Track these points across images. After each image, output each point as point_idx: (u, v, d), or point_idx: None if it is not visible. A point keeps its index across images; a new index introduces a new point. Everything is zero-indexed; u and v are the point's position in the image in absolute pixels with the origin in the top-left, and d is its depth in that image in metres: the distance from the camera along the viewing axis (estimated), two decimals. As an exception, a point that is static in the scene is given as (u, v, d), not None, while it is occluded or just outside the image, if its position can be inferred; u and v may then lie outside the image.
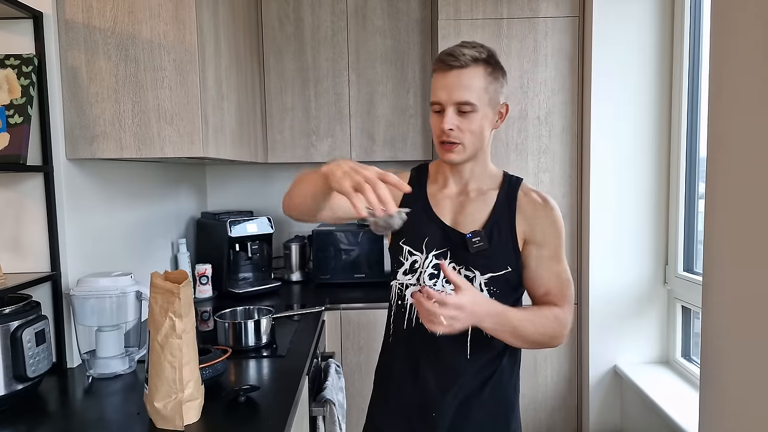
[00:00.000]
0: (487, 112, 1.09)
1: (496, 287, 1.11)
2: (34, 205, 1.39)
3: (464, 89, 1.05)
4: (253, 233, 2.29)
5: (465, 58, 1.04)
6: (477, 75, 1.06)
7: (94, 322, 1.37)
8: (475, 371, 1.13)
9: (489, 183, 1.16)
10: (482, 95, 1.06)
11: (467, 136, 1.08)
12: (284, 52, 2.37)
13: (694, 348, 2.10)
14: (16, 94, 1.31)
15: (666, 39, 2.08)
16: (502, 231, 1.11)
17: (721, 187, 1.12)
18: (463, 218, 1.13)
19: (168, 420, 1.06)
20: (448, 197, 1.17)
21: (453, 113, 1.06)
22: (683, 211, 2.08)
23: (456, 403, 1.13)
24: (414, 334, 1.15)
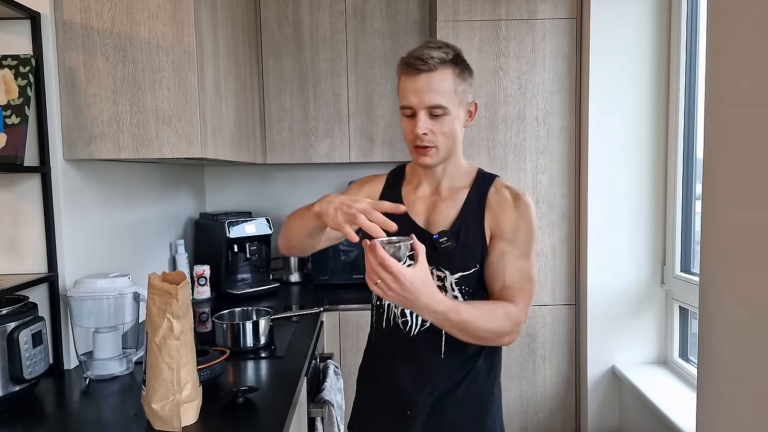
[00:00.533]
0: (458, 113, 1.09)
1: (467, 286, 1.10)
2: (32, 206, 1.39)
3: (435, 93, 1.04)
4: (251, 234, 2.29)
5: (433, 62, 1.04)
6: (446, 78, 1.05)
7: (92, 324, 1.37)
8: (449, 371, 1.13)
9: (461, 181, 1.16)
10: (452, 97, 1.06)
11: (440, 139, 1.08)
12: (283, 53, 2.37)
13: (692, 348, 2.10)
14: (14, 94, 1.30)
15: (663, 41, 2.09)
16: (470, 229, 1.10)
17: (717, 188, 1.13)
18: (436, 218, 1.14)
19: (165, 421, 1.06)
20: (422, 198, 1.18)
21: (425, 117, 1.06)
22: (680, 211, 2.08)
23: (430, 402, 1.13)
24: (391, 334, 1.18)
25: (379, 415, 1.20)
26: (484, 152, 2.22)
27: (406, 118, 1.09)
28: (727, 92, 1.09)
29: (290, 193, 2.75)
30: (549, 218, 2.24)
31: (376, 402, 1.21)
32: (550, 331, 2.28)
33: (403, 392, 1.15)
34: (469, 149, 2.22)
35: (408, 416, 1.14)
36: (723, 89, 1.11)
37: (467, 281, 1.10)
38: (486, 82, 2.19)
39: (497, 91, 2.20)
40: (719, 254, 1.13)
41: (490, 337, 1.03)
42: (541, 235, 2.24)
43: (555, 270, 2.26)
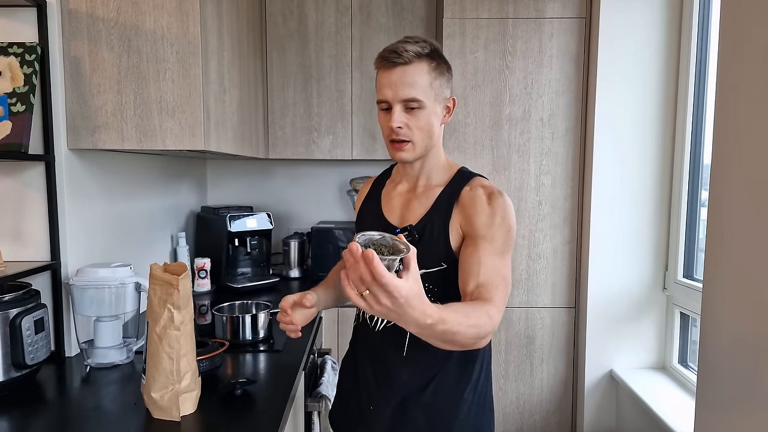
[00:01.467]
0: (435, 108, 1.08)
1: (431, 284, 1.07)
2: (35, 194, 1.39)
3: (409, 86, 1.03)
4: (252, 228, 2.29)
5: (408, 54, 1.03)
6: (421, 71, 1.04)
7: (93, 312, 1.37)
8: (412, 372, 1.10)
9: (439, 179, 1.15)
10: (428, 91, 1.05)
11: (416, 134, 1.07)
12: (287, 47, 2.37)
13: (692, 354, 2.10)
14: (19, 82, 1.31)
15: (673, 43, 2.08)
16: (435, 227, 1.08)
17: (724, 195, 1.12)
18: (408, 214, 1.14)
19: (164, 410, 1.07)
20: (399, 194, 1.19)
21: (401, 111, 1.05)
22: (685, 217, 2.07)
23: (394, 401, 1.12)
24: (360, 328, 1.21)
25: (348, 408, 1.22)
26: (487, 152, 2.22)
27: (382, 113, 1.09)
28: (737, 98, 1.09)
29: (292, 189, 2.76)
30: (551, 220, 2.24)
31: (347, 395, 1.23)
32: (549, 333, 2.28)
33: (367, 387, 1.16)
34: (473, 149, 2.21)
35: (371, 411, 1.14)
36: (733, 95, 1.10)
37: (430, 279, 1.06)
38: (491, 81, 2.19)
39: (502, 91, 2.19)
40: (723, 261, 1.13)
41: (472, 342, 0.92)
42: (542, 237, 2.24)
43: (555, 272, 2.25)
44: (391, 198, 1.19)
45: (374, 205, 1.21)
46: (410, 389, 1.11)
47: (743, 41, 1.06)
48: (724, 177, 1.13)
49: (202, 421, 1.07)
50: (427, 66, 1.05)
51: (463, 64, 2.18)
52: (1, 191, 1.39)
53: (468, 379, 1.12)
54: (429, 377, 1.10)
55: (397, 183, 1.21)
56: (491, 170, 2.22)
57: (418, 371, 1.11)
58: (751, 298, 1.03)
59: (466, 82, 2.19)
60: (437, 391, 1.10)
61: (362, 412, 1.17)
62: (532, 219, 2.24)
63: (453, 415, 1.11)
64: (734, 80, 1.10)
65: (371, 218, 1.20)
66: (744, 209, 1.06)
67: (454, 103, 1.13)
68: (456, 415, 1.10)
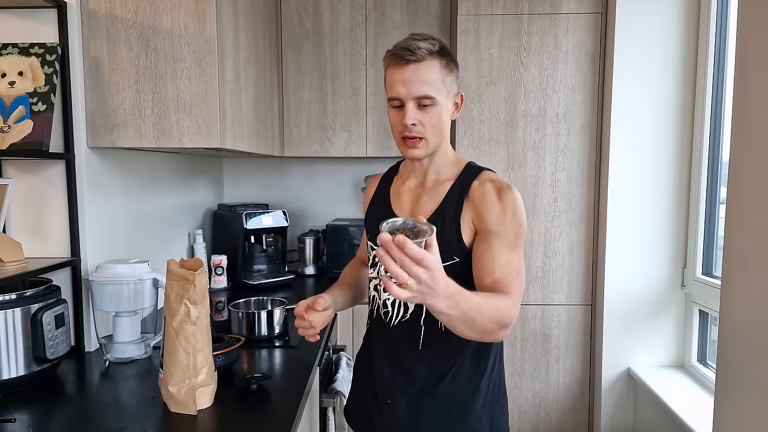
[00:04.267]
0: (446, 104, 1.09)
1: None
2: (56, 191, 1.42)
3: (423, 83, 1.04)
4: (268, 226, 2.31)
5: (421, 52, 1.03)
6: (434, 68, 1.05)
7: (112, 308, 1.40)
8: (428, 365, 1.12)
9: (447, 173, 1.15)
10: (440, 88, 1.06)
11: (428, 130, 1.08)
12: (302, 46, 2.38)
13: (711, 353, 2.06)
14: (40, 82, 1.34)
15: (691, 38, 2.04)
16: (446, 221, 1.09)
17: (743, 192, 1.10)
18: (418, 209, 1.14)
19: (181, 404, 1.08)
20: (408, 190, 1.19)
21: (414, 108, 1.06)
22: (704, 213, 2.04)
23: (410, 394, 1.13)
24: (375, 324, 1.21)
25: (364, 403, 1.23)
26: (502, 148, 2.20)
27: (393, 110, 1.09)
28: (756, 93, 1.07)
29: (307, 187, 2.77)
30: (567, 217, 2.21)
31: (363, 389, 1.24)
32: (565, 331, 2.26)
33: (383, 382, 1.17)
34: (488, 145, 2.20)
35: (389, 405, 1.15)
36: (752, 90, 1.08)
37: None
38: (506, 78, 2.17)
39: (517, 87, 2.17)
40: (742, 258, 1.11)
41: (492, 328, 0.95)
42: (558, 234, 2.22)
43: (572, 270, 2.23)
44: (401, 194, 1.20)
45: (383, 201, 1.22)
46: (426, 382, 1.12)
47: (762, 36, 1.04)
48: (742, 174, 1.11)
49: (219, 415, 1.08)
50: (438, 63, 1.06)
51: (478, 60, 2.17)
52: (23, 189, 1.42)
53: (483, 370, 1.13)
54: (444, 370, 1.11)
55: (406, 179, 1.21)
56: (506, 167, 2.21)
57: (433, 364, 1.12)
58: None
59: (480, 79, 2.18)
60: (453, 384, 1.11)
61: (379, 406, 1.17)
62: (547, 216, 2.22)
63: (469, 405, 1.12)
64: (753, 76, 1.07)
65: (382, 214, 1.20)
66: (762, 206, 1.04)
67: (462, 99, 1.14)
68: (472, 405, 1.12)
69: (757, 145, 1.06)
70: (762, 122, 1.04)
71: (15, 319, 1.19)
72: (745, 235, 1.10)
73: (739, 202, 1.12)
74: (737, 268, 1.12)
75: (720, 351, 1.19)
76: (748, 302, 1.09)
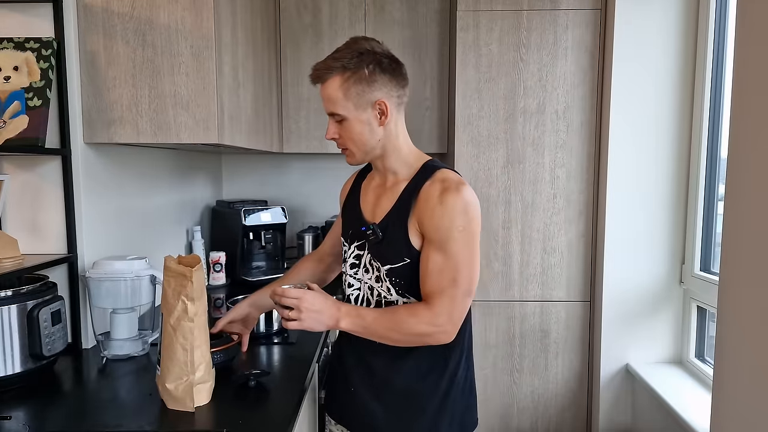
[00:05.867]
0: (359, 116, 1.10)
1: (398, 278, 1.13)
2: (52, 187, 1.41)
3: (327, 102, 1.12)
4: (267, 222, 2.30)
5: (319, 73, 1.11)
6: (334, 86, 1.09)
7: (109, 305, 1.39)
8: (387, 358, 1.15)
9: (404, 173, 1.17)
10: (345, 103, 1.10)
11: (348, 143, 1.14)
12: (301, 41, 2.37)
13: (709, 349, 2.06)
14: (36, 77, 1.32)
15: (690, 34, 2.04)
16: (396, 223, 1.12)
17: (741, 189, 1.10)
18: (377, 209, 1.18)
19: (179, 401, 1.08)
20: (373, 189, 1.23)
21: (332, 123, 1.14)
22: (702, 210, 2.04)
23: (370, 384, 1.18)
24: None
25: (335, 391, 1.28)
26: (501, 145, 2.20)
27: None
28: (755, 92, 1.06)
29: (306, 183, 2.76)
30: (566, 214, 2.21)
31: (333, 379, 1.30)
32: (564, 327, 2.26)
33: (348, 372, 1.22)
34: (487, 142, 2.20)
35: (351, 393, 1.21)
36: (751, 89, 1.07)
37: (397, 273, 1.13)
38: (506, 74, 2.16)
39: (517, 83, 2.17)
40: (740, 255, 1.10)
41: (409, 339, 1.10)
42: (557, 231, 2.22)
43: (570, 266, 2.23)
44: (368, 192, 1.24)
45: (355, 198, 1.26)
46: (384, 375, 1.16)
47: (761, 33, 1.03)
48: (740, 171, 1.10)
49: (216, 412, 1.08)
50: (339, 79, 1.09)
51: (477, 56, 2.16)
52: (19, 185, 1.41)
53: (444, 366, 1.16)
54: (400, 364, 1.15)
55: (372, 178, 1.25)
56: (505, 163, 2.20)
57: (390, 358, 1.15)
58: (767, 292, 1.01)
59: (480, 75, 2.17)
60: (409, 377, 1.15)
61: (344, 394, 1.23)
62: (546, 212, 2.21)
63: (428, 399, 1.15)
64: (752, 73, 1.07)
65: (351, 212, 1.25)
66: (761, 203, 1.04)
67: (385, 105, 1.11)
68: (431, 399, 1.15)
69: (755, 142, 1.06)
70: (761, 119, 1.04)
71: (11, 315, 1.18)
72: (743, 231, 1.10)
73: (737, 199, 1.11)
74: (735, 265, 1.12)
75: (718, 347, 1.19)
76: (746, 298, 1.09)
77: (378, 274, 1.16)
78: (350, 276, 1.22)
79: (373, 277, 1.17)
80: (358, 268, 1.20)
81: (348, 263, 1.23)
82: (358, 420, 1.21)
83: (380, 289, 1.16)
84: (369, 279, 1.18)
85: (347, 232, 1.24)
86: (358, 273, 1.20)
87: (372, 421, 1.17)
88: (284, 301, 1.07)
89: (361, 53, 1.09)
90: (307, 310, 1.06)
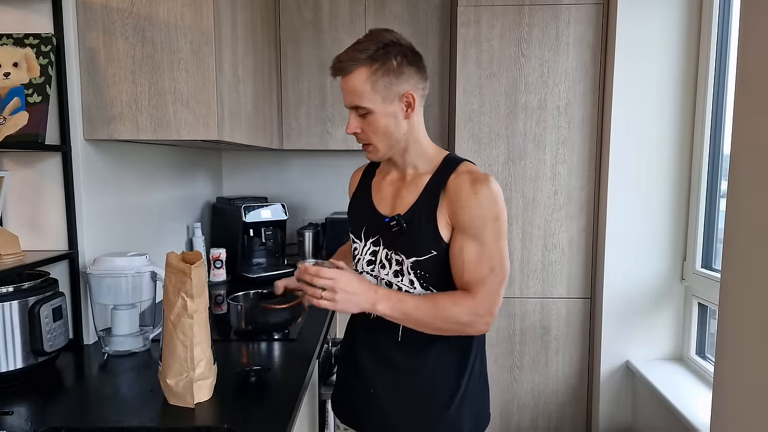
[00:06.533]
0: (386, 109, 1.08)
1: (423, 271, 1.11)
2: (53, 184, 1.41)
3: (352, 95, 1.07)
4: (267, 219, 2.30)
5: (343, 65, 1.07)
6: (360, 78, 1.06)
7: (110, 301, 1.39)
8: (407, 355, 1.14)
9: (426, 166, 1.16)
10: (371, 96, 1.06)
11: (372, 137, 1.11)
12: (301, 38, 2.36)
13: (710, 346, 2.06)
14: (35, 73, 1.32)
15: (693, 30, 2.03)
16: (423, 215, 1.10)
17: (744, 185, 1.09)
18: (398, 203, 1.16)
19: (179, 397, 1.08)
20: (389, 184, 1.20)
21: (354, 117, 1.10)
22: (704, 207, 2.03)
23: (392, 383, 1.15)
24: (356, 317, 1.23)
25: (347, 393, 1.24)
26: (502, 141, 2.19)
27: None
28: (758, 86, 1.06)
29: (306, 180, 2.76)
30: (567, 210, 2.21)
31: (346, 380, 1.26)
32: (564, 324, 2.26)
33: (366, 372, 1.18)
34: (488, 138, 2.19)
35: (371, 394, 1.17)
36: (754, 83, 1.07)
37: (422, 266, 1.11)
38: (507, 70, 2.16)
39: (518, 79, 2.16)
40: (742, 252, 1.10)
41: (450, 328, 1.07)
42: (558, 228, 2.22)
43: (571, 263, 2.23)
44: (382, 188, 1.21)
45: (365, 195, 1.24)
46: (407, 372, 1.14)
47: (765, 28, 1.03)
48: (743, 167, 1.10)
49: (217, 408, 1.08)
50: (366, 71, 1.06)
51: (478, 52, 2.15)
52: (19, 181, 1.41)
53: (464, 360, 1.15)
54: (424, 359, 1.14)
55: (387, 173, 1.22)
56: (506, 160, 2.20)
57: (413, 354, 1.14)
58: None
59: (481, 71, 2.16)
60: (433, 373, 1.13)
61: (362, 396, 1.19)
62: (547, 209, 2.21)
63: (449, 394, 1.14)
64: (755, 69, 1.06)
65: (363, 208, 1.23)
66: (763, 200, 1.03)
67: (413, 98, 1.10)
68: (452, 393, 1.14)
69: (758, 138, 1.05)
70: (764, 115, 1.03)
71: (12, 311, 1.18)
72: (745, 228, 1.09)
73: (739, 196, 1.11)
74: (737, 262, 1.12)
75: (719, 344, 1.18)
76: (748, 295, 1.08)
77: (398, 268, 1.13)
78: (367, 273, 1.19)
79: (391, 272, 1.15)
80: (374, 265, 1.18)
81: (364, 260, 1.20)
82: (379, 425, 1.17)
83: (400, 283, 1.13)
84: (386, 275, 1.15)
85: (359, 228, 1.22)
86: (375, 269, 1.18)
87: (395, 423, 1.15)
88: (318, 281, 1.02)
89: (387, 44, 1.07)
90: (343, 291, 1.02)
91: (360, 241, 1.22)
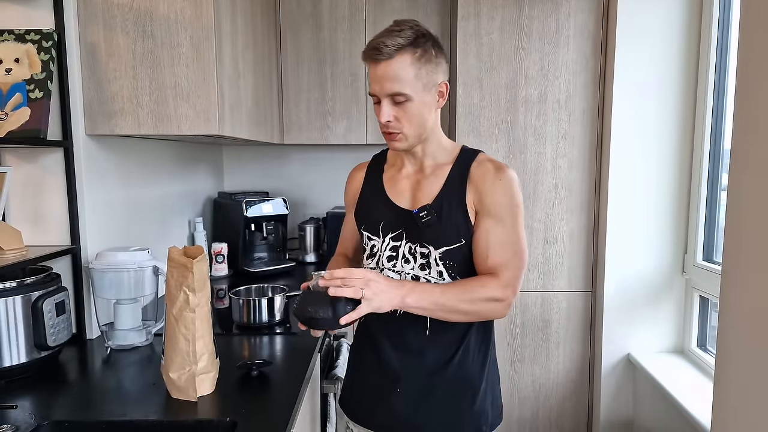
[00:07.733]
0: (424, 97, 1.06)
1: (451, 261, 1.11)
2: (55, 179, 1.42)
3: (393, 81, 1.03)
4: (268, 214, 2.30)
5: (388, 50, 1.02)
6: (404, 64, 1.02)
7: (113, 295, 1.40)
8: (435, 350, 1.14)
9: (444, 158, 1.16)
10: (414, 83, 1.04)
11: (406, 126, 1.07)
12: (301, 31, 2.36)
13: (711, 339, 2.07)
14: (37, 68, 1.32)
15: (694, 21, 2.02)
16: (452, 203, 1.10)
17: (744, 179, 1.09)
18: (420, 195, 1.15)
19: (182, 391, 1.09)
20: (406, 177, 1.19)
21: (388, 105, 1.06)
22: (705, 199, 2.03)
23: (419, 380, 1.14)
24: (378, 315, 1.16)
25: (367, 392, 1.21)
26: (503, 135, 2.19)
27: (375, 105, 1.09)
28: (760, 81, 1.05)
29: (307, 174, 2.76)
30: (568, 204, 2.21)
31: (365, 379, 1.22)
32: (565, 317, 2.26)
33: (391, 370, 1.16)
34: (488, 132, 2.19)
35: (399, 393, 1.15)
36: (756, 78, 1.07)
37: (451, 255, 1.11)
38: (507, 63, 2.15)
39: (518, 73, 2.15)
40: (743, 245, 1.10)
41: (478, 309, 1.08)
42: (558, 221, 2.22)
43: (572, 256, 2.23)
44: (397, 182, 1.19)
45: (378, 190, 1.20)
46: (436, 367, 1.14)
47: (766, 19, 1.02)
48: (743, 160, 1.10)
49: (219, 401, 1.09)
50: (410, 57, 1.03)
51: (478, 46, 2.15)
52: (22, 177, 1.42)
53: (486, 349, 1.18)
54: (453, 352, 1.14)
55: (400, 167, 1.20)
56: (507, 153, 2.19)
57: (441, 348, 1.14)
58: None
59: (481, 65, 2.16)
60: (461, 365, 1.14)
61: (384, 395, 1.17)
62: (548, 202, 2.21)
63: (477, 385, 1.15)
64: (757, 60, 1.06)
65: (378, 204, 1.19)
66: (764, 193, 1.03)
67: (446, 87, 1.10)
68: (479, 384, 1.15)
69: (759, 131, 1.05)
70: (764, 109, 1.03)
71: (16, 306, 1.19)
72: (746, 221, 1.09)
73: (740, 189, 1.11)
74: (738, 254, 1.12)
75: (720, 336, 1.19)
76: (749, 288, 1.09)
77: (424, 260, 1.12)
78: (388, 270, 1.16)
79: (417, 266, 1.13)
80: (396, 260, 1.15)
81: (384, 257, 1.16)
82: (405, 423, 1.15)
83: (428, 276, 1.12)
84: (411, 269, 1.13)
85: (376, 225, 1.18)
86: (397, 265, 1.15)
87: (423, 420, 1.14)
88: (350, 282, 0.98)
89: (423, 34, 1.05)
90: (376, 287, 1.00)
91: (378, 238, 1.18)
